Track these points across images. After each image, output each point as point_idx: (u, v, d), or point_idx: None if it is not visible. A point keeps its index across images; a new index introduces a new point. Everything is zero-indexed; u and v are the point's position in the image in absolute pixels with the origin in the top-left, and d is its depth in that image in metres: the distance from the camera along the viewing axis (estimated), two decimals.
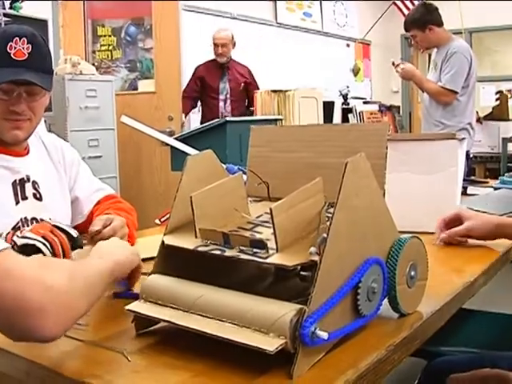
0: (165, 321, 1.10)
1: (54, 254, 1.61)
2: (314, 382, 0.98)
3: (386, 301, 1.20)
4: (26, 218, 1.98)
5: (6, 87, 1.89)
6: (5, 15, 4.40)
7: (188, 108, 6.42)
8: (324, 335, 0.97)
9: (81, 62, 5.21)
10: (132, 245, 1.94)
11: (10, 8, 4.61)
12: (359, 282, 1.08)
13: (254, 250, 1.07)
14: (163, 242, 1.19)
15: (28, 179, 2.04)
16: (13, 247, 1.59)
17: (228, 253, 1.09)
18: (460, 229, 1.85)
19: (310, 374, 1.00)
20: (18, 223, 1.95)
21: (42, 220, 2.02)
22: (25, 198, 2.02)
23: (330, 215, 1.16)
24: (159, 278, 1.18)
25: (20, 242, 1.62)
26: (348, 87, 8.08)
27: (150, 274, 1.20)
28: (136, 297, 1.35)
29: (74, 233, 1.69)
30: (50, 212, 2.05)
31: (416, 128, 9.98)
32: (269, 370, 1.00)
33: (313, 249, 1.04)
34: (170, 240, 1.18)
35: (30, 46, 1.89)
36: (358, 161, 1.07)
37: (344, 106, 7.50)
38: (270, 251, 1.06)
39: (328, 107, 6.52)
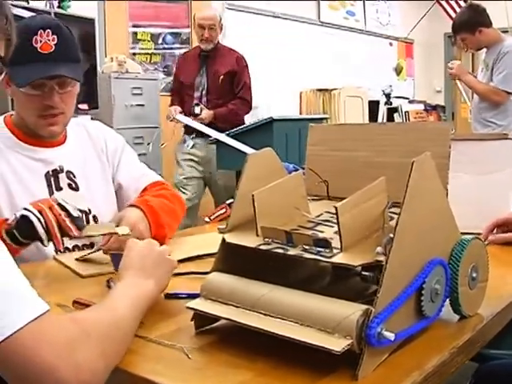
0: (228, 319, 1.10)
1: (48, 231, 1.63)
2: (380, 383, 0.97)
3: (446, 303, 1.18)
4: None
5: (37, 82, 1.89)
6: (48, 14, 4.44)
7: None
8: (390, 336, 0.96)
9: (126, 61, 5.26)
10: (165, 233, 1.93)
11: (59, 7, 4.66)
12: (423, 283, 1.07)
13: (317, 249, 1.06)
14: (224, 239, 1.19)
15: (62, 170, 2.05)
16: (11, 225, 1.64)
17: (291, 251, 1.08)
18: (509, 235, 1.83)
19: (374, 374, 0.99)
20: None
21: (79, 210, 2.03)
22: (59, 188, 2.03)
23: (392, 215, 1.15)
24: (220, 276, 1.17)
25: (19, 213, 1.65)
26: (391, 86, 8.03)
27: (210, 272, 1.20)
28: (187, 297, 1.36)
29: (76, 213, 1.69)
30: (88, 202, 2.04)
31: (460, 128, 9.86)
32: (332, 370, 0.99)
33: (379, 249, 1.03)
34: (231, 238, 1.18)
35: (56, 37, 1.88)
36: (423, 160, 1.06)
37: (387, 106, 7.44)
38: (334, 250, 1.05)
39: (373, 106, 6.48)
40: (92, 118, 4.16)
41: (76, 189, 2.06)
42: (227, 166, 4.68)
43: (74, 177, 2.07)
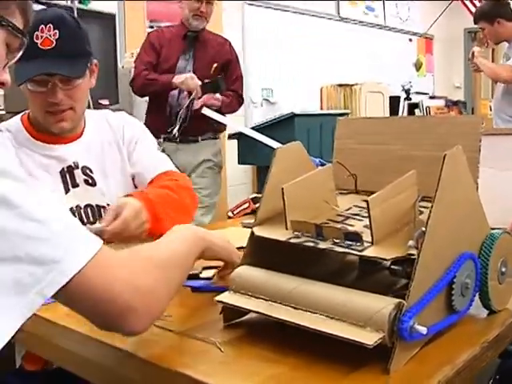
0: (259, 313, 1.09)
1: None
2: (411, 376, 0.96)
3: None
4: (78, 205, 1.97)
5: (39, 79, 1.86)
6: (71, 9, 4.44)
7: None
8: (423, 330, 0.96)
9: None
10: (163, 226, 1.78)
11: (80, 2, 4.67)
12: (454, 278, 1.06)
13: (348, 242, 1.06)
14: (253, 233, 1.18)
15: (77, 166, 2.01)
16: None
17: (321, 245, 1.08)
18: None
19: (406, 368, 0.98)
20: None
21: (96, 206, 1.99)
22: (75, 185, 1.99)
23: (422, 209, 1.15)
24: (248, 270, 1.17)
25: None
26: (410, 82, 8.00)
27: (238, 266, 1.20)
28: (214, 290, 1.35)
29: None
30: (107, 196, 2.01)
31: None
32: (363, 364, 0.99)
33: (411, 242, 1.02)
34: (261, 231, 1.17)
35: (57, 32, 1.83)
36: (455, 154, 1.05)
37: (408, 102, 7.41)
38: (365, 244, 1.05)
39: (394, 102, 6.46)
40: None
41: (93, 184, 2.02)
42: (248, 161, 4.70)
43: (91, 172, 2.03)
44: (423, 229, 0.99)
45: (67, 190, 1.98)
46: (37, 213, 0.89)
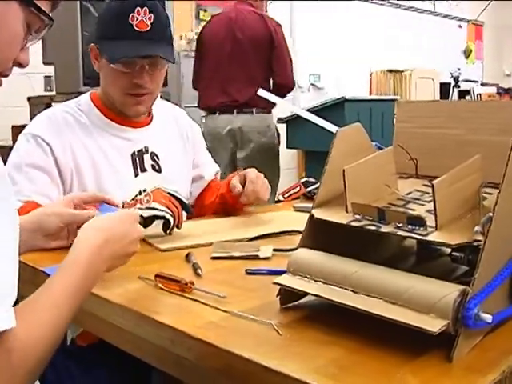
0: (319, 296, 1.07)
1: (175, 222, 1.71)
2: (475, 365, 0.94)
3: None
4: (144, 190, 1.97)
5: (128, 60, 1.89)
6: None
7: None
8: (488, 318, 0.93)
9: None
10: None
11: None
12: None
13: (410, 226, 1.04)
14: (312, 215, 1.17)
15: (146, 150, 2.06)
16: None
17: (384, 229, 1.05)
18: None
19: (469, 356, 0.96)
20: (136, 196, 1.94)
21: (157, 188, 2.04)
22: (144, 169, 2.04)
23: (485, 195, 1.12)
24: (307, 252, 1.15)
25: (147, 213, 1.65)
26: (459, 69, 7.90)
27: (296, 248, 1.18)
28: (268, 273, 1.35)
29: (186, 200, 1.78)
30: (169, 184, 1.99)
31: None
32: (424, 351, 0.97)
33: (478, 228, 1.00)
34: (321, 214, 1.15)
35: (152, 16, 1.87)
36: None
37: (458, 89, 7.33)
38: (428, 229, 1.02)
39: (444, 89, 6.37)
40: (161, 96, 4.15)
41: (159, 171, 2.08)
42: (296, 146, 4.69)
43: (158, 158, 2.08)
44: (491, 214, 0.96)
45: (136, 174, 2.02)
46: None
